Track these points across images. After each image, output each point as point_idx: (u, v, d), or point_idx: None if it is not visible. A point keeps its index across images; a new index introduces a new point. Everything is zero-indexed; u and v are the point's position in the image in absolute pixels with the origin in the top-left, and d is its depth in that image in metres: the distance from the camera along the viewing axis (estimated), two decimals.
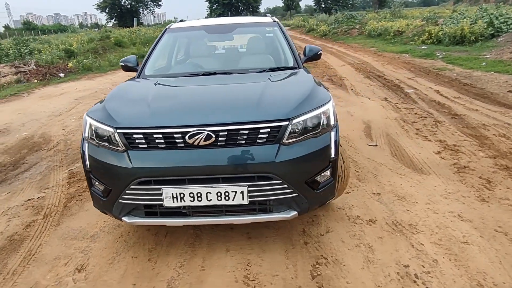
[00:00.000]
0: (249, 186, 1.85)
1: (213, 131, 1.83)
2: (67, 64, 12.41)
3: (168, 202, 1.88)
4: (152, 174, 1.88)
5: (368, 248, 2.18)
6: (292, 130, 1.89)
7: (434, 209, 2.62)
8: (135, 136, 1.90)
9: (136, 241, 2.38)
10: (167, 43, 3.30)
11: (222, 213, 1.94)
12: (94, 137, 2.02)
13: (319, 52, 3.05)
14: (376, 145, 4.12)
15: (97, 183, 2.04)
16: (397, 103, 6.11)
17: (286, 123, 1.87)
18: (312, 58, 3.06)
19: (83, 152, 2.07)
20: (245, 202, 1.87)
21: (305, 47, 3.07)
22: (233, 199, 1.86)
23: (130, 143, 1.91)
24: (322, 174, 2.01)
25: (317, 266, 2.04)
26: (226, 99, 2.21)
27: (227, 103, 2.13)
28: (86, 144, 2.06)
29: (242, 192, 1.85)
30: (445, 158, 3.65)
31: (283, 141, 1.86)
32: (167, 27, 3.51)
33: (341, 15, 22.84)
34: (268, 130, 1.86)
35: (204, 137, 1.82)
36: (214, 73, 2.80)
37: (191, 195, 1.85)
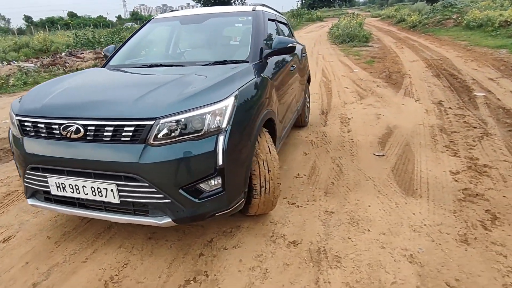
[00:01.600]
0: (118, 185, 1.77)
1: (82, 125, 1.79)
2: None
3: (54, 190, 1.92)
4: (38, 161, 1.93)
5: (261, 274, 1.85)
6: (162, 131, 1.70)
7: (384, 242, 2.10)
8: (26, 123, 1.97)
9: (63, 222, 2.45)
10: (144, 34, 3.27)
11: (103, 208, 1.89)
12: (13, 123, 2.11)
13: (289, 45, 2.63)
14: (383, 155, 3.51)
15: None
16: (450, 107, 5.12)
17: (151, 122, 1.70)
18: (281, 52, 2.66)
19: (8, 135, 2.21)
20: (117, 201, 1.80)
21: (274, 39, 2.72)
22: (105, 196, 1.81)
23: (23, 130, 1.99)
24: (207, 182, 1.78)
25: (190, 281, 1.82)
26: (116, 92, 2.12)
27: (110, 96, 2.02)
28: (10, 129, 2.19)
29: (112, 190, 1.78)
30: (460, 180, 2.91)
31: (150, 141, 1.70)
32: (152, 17, 3.52)
33: (439, 4, 19.91)
34: (132, 128, 1.72)
35: (74, 130, 1.79)
36: (160, 65, 2.69)
37: (71, 186, 1.86)
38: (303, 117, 4.40)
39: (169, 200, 1.75)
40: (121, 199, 1.79)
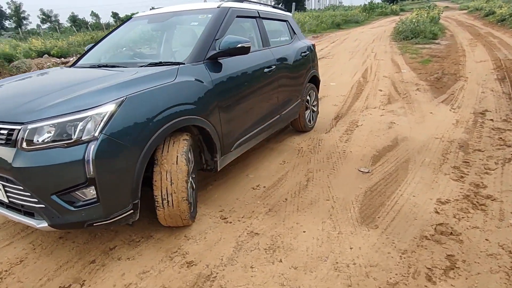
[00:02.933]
0: (4, 185, 1.81)
1: None
2: None
3: None
4: None
5: None
6: (33, 136, 1.68)
7: (288, 279, 1.80)
8: None
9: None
10: (117, 33, 3.19)
11: (3, 205, 1.94)
12: None
13: (239, 45, 2.37)
14: (368, 171, 3.06)
15: None
16: (491, 119, 4.27)
17: (19, 127, 1.70)
18: (230, 53, 2.42)
19: None
20: (6, 200, 1.86)
21: (223, 38, 2.46)
22: None
23: None
24: (81, 191, 1.73)
25: None
26: (21, 94, 2.08)
27: (10, 98, 2.02)
28: None
29: (0, 189, 1.83)
30: (442, 212, 2.38)
31: (22, 146, 1.69)
32: (134, 15, 3.45)
33: None
34: (6, 132, 1.74)
35: None
36: (106, 66, 2.63)
37: None
38: (301, 123, 4.06)
39: (43, 205, 1.74)
40: (9, 199, 1.84)
